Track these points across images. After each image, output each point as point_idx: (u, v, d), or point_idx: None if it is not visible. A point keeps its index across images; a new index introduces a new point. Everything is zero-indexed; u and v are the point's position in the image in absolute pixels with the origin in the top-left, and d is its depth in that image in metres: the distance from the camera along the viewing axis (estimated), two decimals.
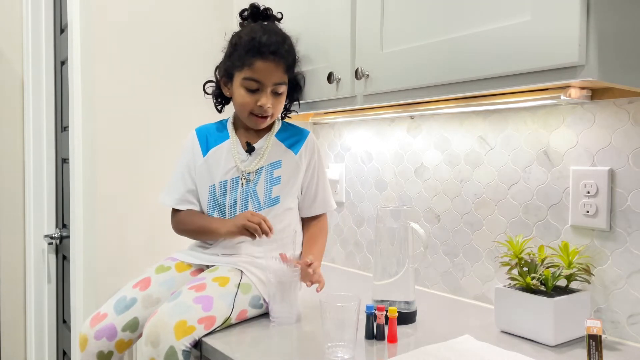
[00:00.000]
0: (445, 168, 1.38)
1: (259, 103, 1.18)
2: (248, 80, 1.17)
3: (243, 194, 1.22)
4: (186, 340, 1.00)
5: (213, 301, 1.06)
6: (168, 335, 0.99)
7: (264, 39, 1.16)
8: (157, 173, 1.64)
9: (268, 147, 1.24)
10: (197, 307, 1.04)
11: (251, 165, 1.23)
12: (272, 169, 1.24)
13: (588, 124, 1.09)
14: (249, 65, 1.16)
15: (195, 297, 1.06)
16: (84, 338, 1.11)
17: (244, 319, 1.13)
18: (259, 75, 1.17)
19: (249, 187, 1.22)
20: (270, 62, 1.16)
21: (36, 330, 2.17)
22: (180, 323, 1.00)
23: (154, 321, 1.02)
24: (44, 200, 2.15)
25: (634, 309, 1.03)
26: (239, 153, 1.24)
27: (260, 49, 1.15)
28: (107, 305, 1.15)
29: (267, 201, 1.22)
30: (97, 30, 1.54)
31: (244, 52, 1.17)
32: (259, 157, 1.23)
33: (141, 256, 1.62)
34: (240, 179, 1.23)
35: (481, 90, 0.94)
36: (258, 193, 1.22)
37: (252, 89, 1.18)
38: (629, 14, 0.86)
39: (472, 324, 1.14)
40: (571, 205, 1.11)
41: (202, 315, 1.03)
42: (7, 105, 2.16)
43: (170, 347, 0.99)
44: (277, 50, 1.17)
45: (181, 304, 1.04)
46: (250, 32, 1.19)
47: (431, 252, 1.42)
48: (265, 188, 1.23)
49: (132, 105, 1.60)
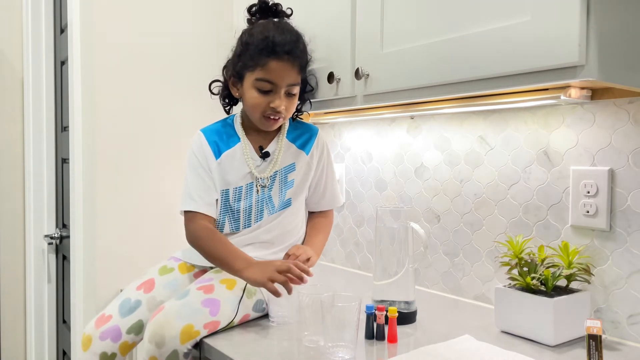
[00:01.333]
0: (445, 168, 1.38)
1: (272, 105, 1.13)
2: (261, 82, 1.12)
3: (258, 200, 1.19)
4: (189, 344, 1.00)
5: (220, 305, 1.04)
6: (174, 340, 0.98)
7: (278, 38, 1.10)
8: (158, 173, 1.64)
9: (281, 150, 1.21)
10: (205, 310, 1.02)
11: (266, 171, 1.19)
12: (286, 173, 1.21)
13: (588, 124, 1.09)
14: (262, 66, 1.10)
15: (203, 299, 1.04)
16: (88, 338, 1.11)
17: (246, 320, 1.12)
18: (272, 76, 1.11)
19: (264, 193, 1.20)
20: (285, 63, 1.11)
21: (36, 330, 2.17)
22: (187, 327, 0.99)
23: (160, 320, 1.00)
24: (44, 200, 2.15)
25: (634, 309, 1.03)
26: (252, 159, 1.19)
27: (274, 49, 1.10)
28: (111, 306, 1.14)
29: (280, 204, 1.21)
30: (97, 30, 1.54)
31: (256, 52, 1.11)
32: (273, 162, 1.20)
33: (141, 256, 1.61)
34: (255, 185, 1.19)
35: (481, 90, 0.94)
36: (273, 198, 1.20)
37: (265, 90, 1.12)
38: (629, 14, 0.86)
39: (472, 324, 1.14)
40: (571, 205, 1.11)
41: (209, 320, 1.02)
42: (7, 105, 2.16)
43: (174, 351, 0.98)
44: (292, 50, 1.11)
45: (189, 305, 1.02)
46: (263, 30, 1.12)
47: (431, 252, 1.42)
48: (280, 192, 1.20)
49: (132, 105, 1.60)
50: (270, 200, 1.20)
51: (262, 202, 1.19)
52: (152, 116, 1.63)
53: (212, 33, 1.69)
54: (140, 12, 1.60)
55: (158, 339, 0.98)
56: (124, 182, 1.59)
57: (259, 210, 1.20)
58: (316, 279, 1.11)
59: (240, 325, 1.11)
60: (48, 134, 2.15)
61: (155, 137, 1.63)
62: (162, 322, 0.99)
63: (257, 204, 1.19)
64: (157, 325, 0.99)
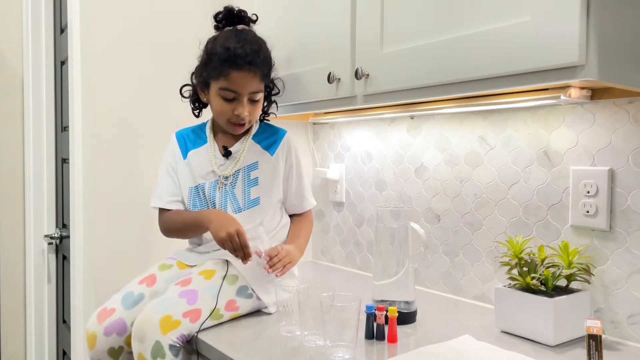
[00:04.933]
0: (445, 168, 1.38)
1: (236, 112, 1.19)
2: (224, 91, 1.18)
3: (222, 196, 1.24)
4: (173, 334, 1.00)
5: (198, 294, 1.07)
6: (154, 331, 1.00)
7: (239, 50, 1.14)
8: (158, 173, 1.63)
9: (244, 149, 1.26)
10: (182, 301, 1.05)
11: (228, 169, 1.25)
12: (249, 171, 1.25)
13: (588, 124, 1.09)
14: (225, 76, 1.16)
15: (180, 292, 1.07)
16: (92, 335, 1.11)
17: (235, 310, 1.13)
18: (235, 86, 1.17)
19: (227, 190, 1.24)
20: (246, 73, 1.16)
21: (36, 330, 2.17)
22: (165, 318, 1.01)
23: (140, 318, 1.03)
24: (44, 200, 2.15)
25: (634, 309, 1.03)
26: (215, 157, 1.26)
27: (235, 61, 1.14)
28: (113, 300, 1.15)
29: (246, 203, 1.24)
30: (97, 30, 1.54)
31: (219, 63, 1.16)
32: (235, 160, 1.25)
33: (141, 256, 1.62)
34: (218, 183, 1.24)
35: (481, 90, 0.94)
36: (237, 195, 1.24)
37: (228, 98, 1.18)
38: (629, 14, 0.86)
39: (472, 324, 1.14)
40: (571, 205, 1.11)
41: (187, 309, 1.04)
42: (7, 106, 2.15)
43: (156, 342, 0.99)
44: (253, 60, 1.16)
45: (166, 300, 1.05)
46: (225, 41, 1.17)
47: (431, 252, 1.42)
48: (244, 190, 1.24)
49: (132, 105, 1.60)
50: (233, 198, 1.24)
51: (225, 198, 1.24)
52: (152, 116, 1.63)
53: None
54: (140, 12, 1.60)
55: (140, 334, 1.01)
56: (124, 182, 1.59)
57: (222, 206, 1.24)
58: (316, 279, 1.11)
59: (237, 321, 1.12)
60: (48, 134, 2.14)
61: (155, 137, 1.63)
62: (142, 319, 1.03)
63: (220, 201, 1.24)
64: (138, 323, 1.03)
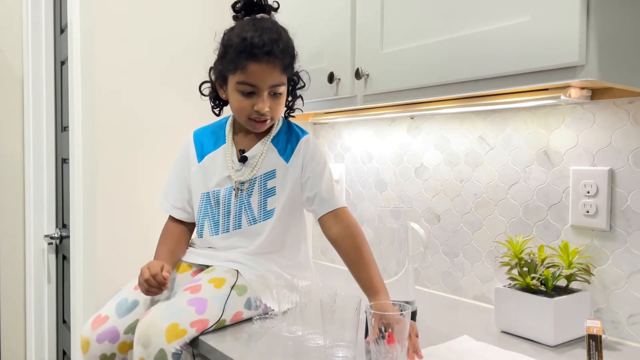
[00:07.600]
0: (445, 168, 1.38)
1: (255, 108, 1.09)
2: (242, 85, 1.08)
3: (237, 205, 1.16)
4: (177, 343, 0.99)
5: (207, 304, 1.04)
6: (159, 338, 0.97)
7: (255, 40, 1.05)
8: (157, 173, 1.64)
9: (262, 154, 1.16)
10: (191, 309, 1.02)
11: (244, 174, 1.16)
12: (266, 180, 1.16)
13: (588, 124, 1.09)
14: (242, 69, 1.06)
15: (189, 299, 1.04)
16: (85, 341, 1.10)
17: (239, 320, 1.11)
18: (253, 79, 1.07)
19: (243, 198, 1.16)
20: (264, 64, 1.06)
21: (36, 330, 2.17)
22: (172, 326, 0.99)
23: (146, 321, 1.00)
24: (44, 200, 2.15)
25: (634, 309, 1.03)
26: (232, 162, 1.17)
27: (252, 51, 1.05)
28: (107, 307, 1.14)
29: (262, 214, 1.16)
30: (97, 30, 1.54)
31: (235, 55, 1.07)
32: (252, 166, 1.16)
33: (141, 256, 1.61)
34: (234, 189, 1.16)
35: (481, 90, 0.94)
36: (252, 205, 1.16)
37: (247, 92, 1.09)
38: (629, 14, 0.86)
39: (472, 324, 1.14)
40: (571, 205, 1.11)
41: (195, 318, 1.01)
42: (7, 106, 2.16)
43: (161, 349, 0.97)
44: (271, 50, 1.05)
45: (174, 306, 1.02)
46: (241, 31, 1.08)
47: (431, 252, 1.42)
48: (260, 200, 1.16)
49: (133, 105, 1.60)
50: (249, 207, 1.16)
51: (240, 207, 1.16)
52: (152, 116, 1.63)
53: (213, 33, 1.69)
54: (140, 12, 1.60)
55: (144, 339, 0.98)
56: (124, 182, 1.59)
57: (237, 216, 1.16)
58: (316, 279, 1.11)
59: (238, 324, 1.11)
60: (48, 134, 2.15)
61: (155, 137, 1.63)
62: (147, 323, 1.00)
63: (236, 209, 1.16)
64: (144, 327, 1.00)
